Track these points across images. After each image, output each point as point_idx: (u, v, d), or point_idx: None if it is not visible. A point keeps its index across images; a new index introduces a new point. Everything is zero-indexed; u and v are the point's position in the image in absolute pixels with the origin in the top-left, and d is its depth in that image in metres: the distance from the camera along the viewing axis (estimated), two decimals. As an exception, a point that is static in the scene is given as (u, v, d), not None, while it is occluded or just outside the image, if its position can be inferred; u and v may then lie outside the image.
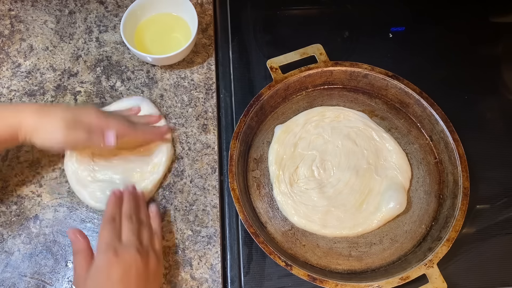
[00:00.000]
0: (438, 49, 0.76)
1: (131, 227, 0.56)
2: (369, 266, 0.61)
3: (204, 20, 0.75)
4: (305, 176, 0.64)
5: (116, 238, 0.54)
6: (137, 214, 0.58)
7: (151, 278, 0.54)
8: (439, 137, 0.66)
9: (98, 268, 0.52)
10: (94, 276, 0.52)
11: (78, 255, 0.54)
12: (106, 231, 0.55)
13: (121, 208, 0.58)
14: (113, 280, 0.51)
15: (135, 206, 0.58)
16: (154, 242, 0.57)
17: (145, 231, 0.57)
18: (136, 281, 0.52)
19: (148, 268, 0.54)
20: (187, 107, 0.69)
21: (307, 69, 0.68)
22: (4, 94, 0.68)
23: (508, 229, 0.65)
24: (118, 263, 0.52)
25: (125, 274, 0.52)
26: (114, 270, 0.51)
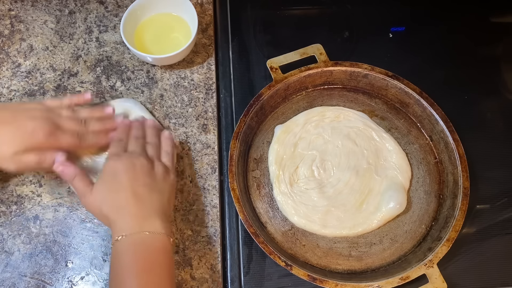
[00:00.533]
0: (438, 49, 0.76)
1: (137, 143, 0.58)
2: (369, 266, 0.61)
3: (204, 20, 0.75)
4: (305, 176, 0.64)
5: (121, 150, 0.57)
6: (144, 138, 0.60)
7: (159, 179, 0.55)
8: (439, 137, 0.66)
9: (104, 172, 0.54)
10: (101, 179, 0.54)
11: (76, 178, 0.55)
12: (112, 147, 0.58)
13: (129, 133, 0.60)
14: (119, 174, 0.53)
15: (143, 132, 0.61)
16: (163, 156, 0.59)
17: (151, 146, 0.59)
18: (143, 176, 0.54)
19: (154, 170, 0.56)
20: (187, 107, 0.69)
21: (307, 69, 0.68)
22: (4, 94, 0.68)
23: (508, 229, 0.65)
24: (122, 162, 0.55)
25: (129, 168, 0.54)
26: (118, 167, 0.54)
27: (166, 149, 0.60)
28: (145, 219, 0.52)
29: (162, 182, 0.56)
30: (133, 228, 0.51)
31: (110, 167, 0.55)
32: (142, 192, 0.53)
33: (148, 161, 0.56)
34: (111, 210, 0.52)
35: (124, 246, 0.50)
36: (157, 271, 0.50)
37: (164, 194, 0.55)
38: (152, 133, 0.61)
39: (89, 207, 0.54)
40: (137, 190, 0.53)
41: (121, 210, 0.52)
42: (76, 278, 0.59)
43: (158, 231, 0.51)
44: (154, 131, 0.62)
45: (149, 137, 0.61)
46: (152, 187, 0.54)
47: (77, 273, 0.60)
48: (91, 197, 0.53)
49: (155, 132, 0.62)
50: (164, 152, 0.60)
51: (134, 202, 0.52)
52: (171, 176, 0.58)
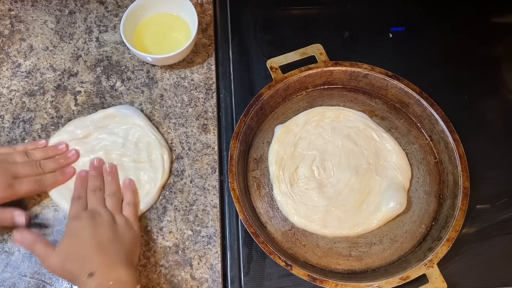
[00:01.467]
0: (438, 49, 0.76)
1: (96, 198, 0.59)
2: (369, 266, 0.61)
3: (204, 20, 0.75)
4: (305, 176, 0.64)
5: (81, 210, 0.57)
6: (102, 187, 0.60)
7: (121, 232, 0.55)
8: (439, 137, 0.66)
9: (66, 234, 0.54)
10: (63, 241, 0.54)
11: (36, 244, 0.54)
12: (72, 206, 0.58)
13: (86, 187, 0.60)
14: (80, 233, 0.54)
15: (100, 181, 0.61)
16: (123, 209, 0.59)
17: (110, 199, 0.59)
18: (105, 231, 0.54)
19: (115, 224, 0.56)
20: (187, 107, 0.69)
21: (307, 69, 0.68)
22: (4, 94, 0.68)
23: (508, 229, 0.65)
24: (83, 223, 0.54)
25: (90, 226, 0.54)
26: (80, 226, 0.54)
27: (127, 200, 0.60)
28: (110, 269, 0.51)
29: (125, 234, 0.56)
30: (98, 279, 0.49)
31: (72, 228, 0.55)
32: (105, 244, 0.53)
33: (109, 216, 0.56)
34: (75, 264, 0.52)
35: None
36: None
37: (127, 245, 0.55)
38: (111, 182, 0.61)
39: (52, 267, 0.53)
40: (100, 242, 0.53)
41: (85, 262, 0.51)
42: (76, 278, 0.59)
43: (123, 280, 0.51)
44: (112, 179, 0.61)
45: (107, 187, 0.61)
46: (115, 239, 0.54)
47: (77, 273, 0.60)
48: (53, 256, 0.53)
49: (114, 180, 0.61)
50: (125, 204, 0.60)
51: (98, 253, 0.52)
52: (134, 228, 0.58)
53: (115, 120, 0.66)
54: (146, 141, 0.65)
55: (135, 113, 0.66)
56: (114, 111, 0.66)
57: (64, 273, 0.53)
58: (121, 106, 0.67)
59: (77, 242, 0.53)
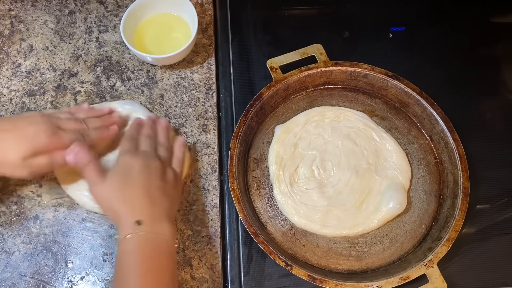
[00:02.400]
0: (438, 49, 0.76)
1: (149, 143, 0.59)
2: (369, 266, 0.61)
3: (204, 20, 0.75)
4: (305, 176, 0.64)
5: (134, 148, 0.57)
6: (156, 137, 0.60)
7: (170, 185, 0.56)
8: (439, 137, 0.66)
9: (119, 165, 0.55)
10: (116, 171, 0.54)
11: (89, 165, 0.54)
12: (125, 143, 0.58)
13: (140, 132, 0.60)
14: (134, 171, 0.54)
15: (155, 131, 0.61)
16: (173, 162, 0.59)
17: (163, 150, 0.59)
18: (157, 179, 0.54)
19: (166, 175, 0.56)
20: (187, 107, 0.69)
21: (307, 69, 0.68)
22: (4, 94, 0.68)
23: (508, 229, 0.65)
24: (138, 160, 0.55)
25: (145, 168, 0.54)
26: (134, 164, 0.54)
27: (178, 155, 0.61)
28: (156, 221, 0.52)
29: (172, 187, 0.56)
30: (143, 227, 0.50)
31: (125, 162, 0.55)
32: (155, 194, 0.53)
33: (160, 164, 0.56)
34: (122, 205, 0.52)
35: (131, 245, 0.50)
36: (162, 274, 0.50)
37: (173, 199, 0.56)
38: (163, 134, 0.62)
39: (99, 197, 0.54)
40: (151, 191, 0.53)
41: (134, 207, 0.52)
42: (76, 278, 0.59)
43: (167, 234, 0.52)
44: (165, 132, 0.62)
45: (160, 138, 0.61)
46: (164, 190, 0.54)
47: (77, 273, 0.60)
48: (103, 187, 0.53)
49: (166, 134, 0.62)
50: (175, 158, 0.60)
51: (147, 202, 0.52)
52: (179, 182, 0.58)
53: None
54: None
55: (137, 107, 0.66)
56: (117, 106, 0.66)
57: (110, 210, 0.53)
58: (123, 101, 0.67)
59: (128, 181, 0.53)
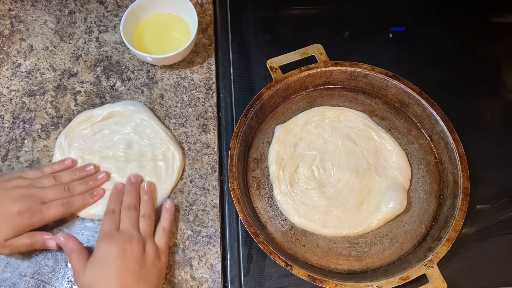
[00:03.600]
0: (438, 49, 0.76)
1: (129, 218, 0.57)
2: (369, 266, 0.61)
3: (204, 20, 0.75)
4: (305, 176, 0.64)
5: (114, 228, 0.56)
6: (138, 206, 0.59)
7: (148, 266, 0.54)
8: (439, 137, 0.66)
9: (96, 255, 0.54)
10: (92, 263, 0.53)
11: (73, 254, 0.54)
12: (105, 222, 0.57)
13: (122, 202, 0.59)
14: (108, 261, 0.52)
15: (136, 198, 0.59)
16: (156, 233, 0.58)
17: (144, 222, 0.58)
18: (133, 264, 0.53)
19: (145, 254, 0.55)
20: (187, 107, 0.69)
21: (307, 69, 0.68)
22: (4, 94, 0.68)
23: (508, 229, 0.65)
24: (113, 246, 0.53)
25: (120, 254, 0.53)
26: (109, 252, 0.53)
27: (163, 225, 0.59)
28: None
29: (151, 268, 0.54)
30: None
31: (102, 251, 0.54)
32: (130, 283, 0.52)
33: (140, 243, 0.54)
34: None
35: None
36: None
37: (152, 281, 0.54)
38: (147, 202, 0.60)
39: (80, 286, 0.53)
40: (125, 281, 0.52)
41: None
42: (76, 278, 0.59)
43: None
44: (148, 199, 0.60)
45: (143, 208, 0.59)
46: (140, 276, 0.53)
47: (77, 273, 0.60)
48: (83, 279, 0.52)
49: (150, 201, 0.60)
50: (160, 229, 0.58)
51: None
52: (162, 259, 0.57)
53: (123, 116, 0.66)
54: (158, 138, 0.65)
55: (140, 108, 0.66)
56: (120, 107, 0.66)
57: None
58: (126, 102, 0.67)
59: (104, 271, 0.52)
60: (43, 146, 0.66)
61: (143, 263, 0.54)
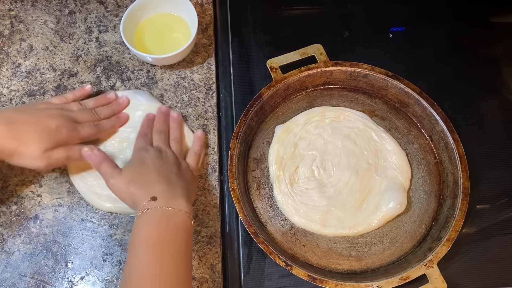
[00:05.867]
0: (438, 49, 0.76)
1: (161, 138, 0.61)
2: (369, 266, 0.61)
3: (204, 20, 0.75)
4: (305, 176, 0.64)
5: (148, 144, 0.60)
6: (168, 132, 0.62)
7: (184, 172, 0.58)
8: (439, 137, 0.66)
9: (133, 160, 0.58)
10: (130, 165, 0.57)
11: (104, 163, 0.56)
12: (138, 142, 0.61)
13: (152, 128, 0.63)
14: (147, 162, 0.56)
15: (166, 125, 0.64)
16: (188, 155, 0.62)
17: (175, 143, 0.62)
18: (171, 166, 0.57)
19: (180, 166, 0.58)
20: (187, 107, 0.69)
21: (307, 69, 0.68)
22: (4, 94, 0.68)
23: (508, 229, 0.65)
24: (150, 153, 0.58)
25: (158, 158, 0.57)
26: (147, 156, 0.57)
27: (195, 149, 0.63)
28: (172, 197, 0.53)
29: (188, 174, 0.58)
30: (158, 202, 0.52)
31: (139, 155, 0.58)
32: (170, 176, 0.56)
33: (174, 156, 0.59)
34: (139, 187, 0.54)
35: (147, 218, 0.51)
36: (175, 245, 0.51)
37: (189, 183, 0.57)
38: (175, 127, 0.64)
39: (115, 187, 0.55)
40: (166, 174, 0.55)
41: (150, 187, 0.54)
42: (76, 278, 0.59)
43: (183, 209, 0.53)
44: (177, 125, 0.64)
45: (173, 133, 0.63)
46: (179, 175, 0.57)
47: (77, 273, 0.60)
48: (119, 177, 0.55)
49: (179, 127, 0.64)
50: (191, 152, 0.63)
51: (163, 181, 0.54)
52: (194, 173, 0.61)
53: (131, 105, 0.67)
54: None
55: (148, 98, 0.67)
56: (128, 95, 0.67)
57: (127, 195, 0.54)
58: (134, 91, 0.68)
59: (144, 169, 0.56)
60: (43, 146, 0.66)
61: (179, 168, 0.58)
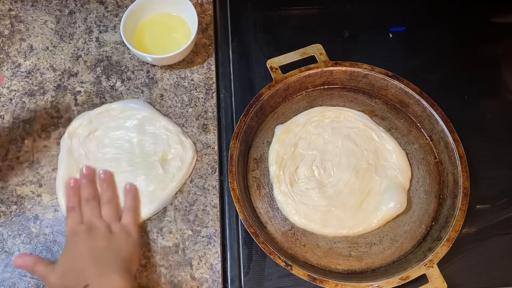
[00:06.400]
0: (438, 49, 0.76)
1: (90, 208, 0.58)
2: (369, 266, 0.61)
3: (204, 20, 0.75)
4: (305, 176, 0.64)
5: (77, 223, 0.57)
6: (97, 196, 0.60)
7: (117, 241, 0.55)
8: (439, 137, 0.66)
9: (64, 252, 0.55)
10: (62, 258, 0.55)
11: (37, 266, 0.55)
12: (67, 221, 0.58)
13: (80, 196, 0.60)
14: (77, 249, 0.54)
15: (93, 188, 0.60)
16: (123, 215, 0.59)
17: (106, 207, 0.59)
18: (100, 242, 0.54)
19: (112, 233, 0.56)
20: (187, 107, 0.69)
21: (307, 69, 0.68)
22: (4, 94, 0.68)
23: (508, 229, 0.65)
24: (79, 237, 0.55)
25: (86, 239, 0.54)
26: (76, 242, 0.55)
27: (128, 206, 0.60)
28: (104, 278, 0.51)
29: (121, 243, 0.56)
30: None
31: (70, 242, 0.56)
32: (100, 255, 0.53)
33: (105, 227, 0.56)
34: (72, 279, 0.52)
35: None
36: None
37: (124, 253, 0.55)
38: (106, 189, 0.61)
39: (51, 285, 0.54)
40: (95, 254, 0.53)
41: (80, 276, 0.52)
42: (76, 278, 0.59)
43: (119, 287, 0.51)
44: (108, 186, 0.61)
45: (103, 195, 0.60)
46: (110, 249, 0.54)
47: (77, 273, 0.60)
48: (53, 274, 0.53)
49: (110, 187, 0.61)
50: (125, 210, 0.60)
51: (92, 265, 0.52)
52: (132, 234, 0.57)
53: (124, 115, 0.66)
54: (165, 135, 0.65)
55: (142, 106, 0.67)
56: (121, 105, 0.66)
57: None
58: (128, 101, 0.68)
59: (74, 258, 0.54)
60: (43, 146, 0.66)
61: (111, 240, 0.55)
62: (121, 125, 0.66)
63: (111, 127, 0.65)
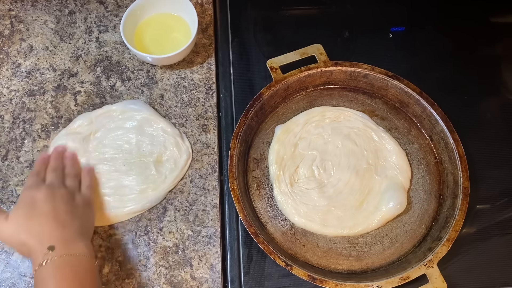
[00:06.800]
0: (438, 49, 0.76)
1: (55, 175, 0.58)
2: (369, 266, 0.61)
3: (204, 20, 0.75)
4: (305, 176, 0.64)
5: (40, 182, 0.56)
6: (62, 170, 0.60)
7: (80, 209, 0.55)
8: (439, 137, 0.66)
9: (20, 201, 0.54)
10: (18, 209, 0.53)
11: None
12: (29, 179, 0.58)
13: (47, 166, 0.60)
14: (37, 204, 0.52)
15: (61, 163, 0.61)
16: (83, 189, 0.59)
17: (69, 179, 0.59)
18: (64, 205, 0.54)
19: (74, 201, 0.55)
20: (187, 107, 0.69)
21: (307, 69, 0.68)
22: (4, 94, 0.68)
23: (508, 229, 0.65)
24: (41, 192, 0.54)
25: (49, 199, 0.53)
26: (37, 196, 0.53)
27: (86, 184, 0.60)
28: (69, 243, 0.51)
29: (84, 212, 0.56)
30: (57, 251, 0.49)
31: (28, 195, 0.54)
32: (64, 218, 0.52)
33: (67, 192, 0.56)
34: (30, 236, 0.50)
35: (49, 271, 0.48)
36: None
37: (87, 220, 0.55)
38: (70, 164, 0.61)
39: (5, 236, 0.52)
40: (58, 216, 0.52)
41: (42, 235, 0.50)
42: (76, 278, 0.59)
43: (83, 253, 0.51)
44: (71, 162, 0.62)
45: (67, 170, 0.61)
46: (73, 213, 0.54)
47: (77, 273, 0.60)
48: (6, 224, 0.51)
49: (73, 163, 0.62)
50: (84, 184, 0.60)
51: (56, 227, 0.51)
52: (91, 208, 0.58)
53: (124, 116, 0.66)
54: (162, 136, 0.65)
55: (142, 107, 0.67)
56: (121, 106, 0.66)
57: (17, 243, 0.52)
58: (127, 102, 0.68)
59: (35, 213, 0.52)
60: (43, 146, 0.66)
61: (74, 206, 0.55)
62: (120, 126, 0.65)
63: (111, 129, 0.65)
